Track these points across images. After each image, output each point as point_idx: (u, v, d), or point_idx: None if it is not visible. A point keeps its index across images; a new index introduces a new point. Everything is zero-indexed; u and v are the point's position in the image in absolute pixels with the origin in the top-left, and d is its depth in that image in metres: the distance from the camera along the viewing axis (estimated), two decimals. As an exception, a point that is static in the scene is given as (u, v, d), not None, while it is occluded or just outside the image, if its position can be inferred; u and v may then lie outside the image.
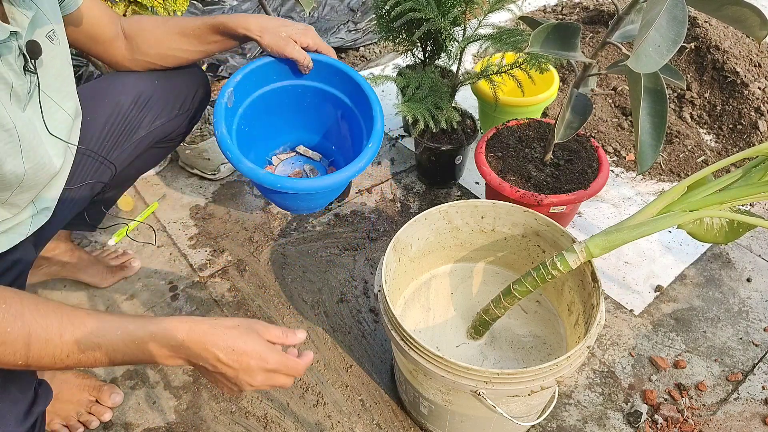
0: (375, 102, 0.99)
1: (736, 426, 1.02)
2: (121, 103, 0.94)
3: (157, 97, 0.98)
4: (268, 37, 0.94)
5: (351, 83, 1.02)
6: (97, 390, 1.04)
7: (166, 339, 0.61)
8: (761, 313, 1.19)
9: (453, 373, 0.75)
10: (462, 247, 1.07)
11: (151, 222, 1.42)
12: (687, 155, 1.56)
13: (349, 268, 1.30)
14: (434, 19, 1.18)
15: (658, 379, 1.09)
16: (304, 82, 1.05)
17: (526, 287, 0.85)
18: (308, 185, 0.92)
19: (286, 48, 0.95)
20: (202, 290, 1.26)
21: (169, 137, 1.04)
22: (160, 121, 1.00)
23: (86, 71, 1.85)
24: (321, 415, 1.04)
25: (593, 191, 1.18)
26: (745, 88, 1.61)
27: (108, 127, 0.93)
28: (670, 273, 1.28)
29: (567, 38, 0.95)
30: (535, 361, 0.97)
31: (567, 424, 1.02)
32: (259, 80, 1.01)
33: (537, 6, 2.30)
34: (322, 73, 1.03)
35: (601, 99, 1.72)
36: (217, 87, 1.84)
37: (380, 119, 0.97)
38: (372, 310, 1.22)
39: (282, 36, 0.95)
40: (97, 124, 0.92)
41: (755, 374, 1.09)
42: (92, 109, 0.92)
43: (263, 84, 1.02)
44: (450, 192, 1.50)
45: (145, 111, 0.97)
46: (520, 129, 1.34)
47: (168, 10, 1.29)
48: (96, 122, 0.92)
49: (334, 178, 0.91)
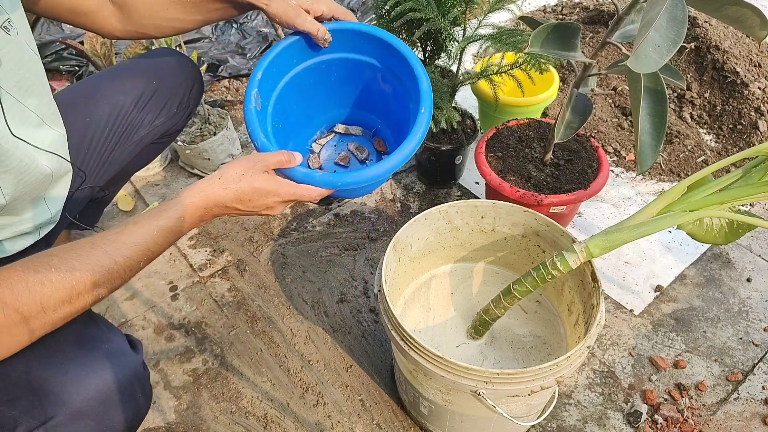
0: (412, 58, 0.87)
1: (736, 426, 1.02)
2: (121, 104, 0.94)
3: (157, 96, 0.98)
4: (276, 5, 0.84)
5: (378, 44, 0.91)
6: None
7: (190, 215, 0.70)
8: (761, 313, 1.19)
9: (453, 373, 0.75)
10: (462, 247, 1.07)
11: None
12: (687, 155, 1.56)
13: (349, 268, 1.30)
14: (434, 19, 1.18)
15: (658, 379, 1.09)
16: (326, 57, 0.94)
17: (526, 287, 0.85)
18: (374, 173, 0.80)
19: (296, 19, 0.85)
20: (202, 290, 1.26)
21: (167, 133, 1.04)
22: (160, 120, 1.00)
23: (86, 71, 1.85)
24: (321, 415, 1.04)
25: (593, 191, 1.18)
26: (745, 88, 1.61)
27: (109, 128, 0.93)
28: (670, 273, 1.28)
29: (567, 38, 0.95)
30: (535, 361, 0.97)
31: (567, 424, 1.02)
32: (279, 70, 0.92)
33: (537, 6, 2.30)
34: (343, 41, 0.91)
35: (601, 99, 1.72)
36: (218, 87, 1.84)
37: (424, 78, 0.85)
38: (372, 310, 1.22)
39: (292, 4, 0.85)
40: (97, 124, 0.91)
41: (755, 374, 1.09)
42: (90, 109, 0.91)
43: (285, 73, 0.93)
44: (450, 192, 1.50)
45: (146, 111, 0.97)
46: (520, 129, 1.34)
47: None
48: (96, 122, 0.91)
49: (397, 157, 0.80)
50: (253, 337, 1.17)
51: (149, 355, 1.13)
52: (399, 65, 0.90)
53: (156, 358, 1.13)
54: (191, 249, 1.35)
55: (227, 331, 1.18)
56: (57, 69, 1.84)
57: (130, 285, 1.27)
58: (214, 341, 1.16)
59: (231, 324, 1.19)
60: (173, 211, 0.68)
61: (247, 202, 0.73)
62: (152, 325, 1.19)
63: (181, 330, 1.18)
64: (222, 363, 1.12)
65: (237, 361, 1.13)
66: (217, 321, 1.20)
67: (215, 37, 1.98)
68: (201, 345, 1.16)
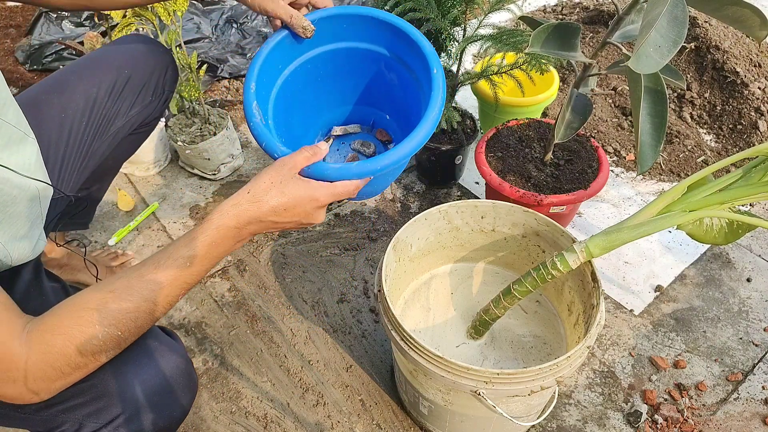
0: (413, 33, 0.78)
1: (736, 426, 1.02)
2: (94, 96, 0.92)
3: (130, 85, 0.96)
4: None
5: (376, 26, 0.82)
6: None
7: (221, 237, 0.64)
8: (761, 313, 1.19)
9: (453, 373, 0.75)
10: (462, 247, 1.07)
11: (151, 222, 1.42)
12: (687, 155, 1.56)
13: (349, 268, 1.30)
14: (434, 19, 1.18)
15: (658, 379, 1.09)
16: (315, 51, 0.86)
17: (526, 287, 0.85)
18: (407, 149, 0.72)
19: (270, 4, 0.78)
20: (202, 290, 1.26)
21: (145, 122, 1.03)
22: (136, 110, 0.98)
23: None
24: (321, 415, 1.04)
25: (593, 191, 1.18)
26: (745, 88, 1.61)
27: (86, 121, 0.91)
28: (670, 273, 1.28)
29: (567, 38, 0.95)
30: (535, 361, 0.97)
31: (567, 424, 1.02)
32: (270, 77, 0.83)
33: (537, 6, 2.30)
34: (331, 30, 0.83)
35: (601, 99, 1.72)
36: (218, 87, 1.84)
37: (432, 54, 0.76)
38: (372, 310, 1.22)
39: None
40: (72, 118, 0.89)
41: (755, 374, 1.09)
42: (64, 105, 0.88)
43: (274, 79, 0.84)
44: (450, 192, 1.50)
45: (121, 101, 0.95)
46: (520, 129, 1.34)
47: (168, 10, 1.29)
48: (71, 117, 0.89)
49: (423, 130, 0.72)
50: (253, 337, 1.17)
51: (149, 355, 1.14)
52: (401, 45, 0.81)
53: (156, 358, 1.13)
54: (191, 249, 1.35)
55: (227, 331, 1.18)
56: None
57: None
58: (214, 341, 1.16)
59: (231, 324, 1.19)
60: (203, 237, 0.63)
61: (282, 212, 0.66)
62: (152, 325, 1.19)
63: (181, 330, 1.18)
64: (222, 363, 1.12)
65: (237, 361, 1.13)
66: (217, 321, 1.20)
67: (215, 37, 1.98)
68: (201, 345, 1.16)
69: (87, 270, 1.23)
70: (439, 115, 0.74)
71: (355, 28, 0.84)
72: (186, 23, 1.97)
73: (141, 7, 1.27)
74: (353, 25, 0.83)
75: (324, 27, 0.82)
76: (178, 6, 1.30)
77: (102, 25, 1.68)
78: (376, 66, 0.88)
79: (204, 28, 1.99)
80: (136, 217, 1.42)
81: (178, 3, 1.29)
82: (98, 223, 1.41)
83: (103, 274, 1.25)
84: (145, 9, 1.27)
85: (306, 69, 0.87)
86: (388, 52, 0.85)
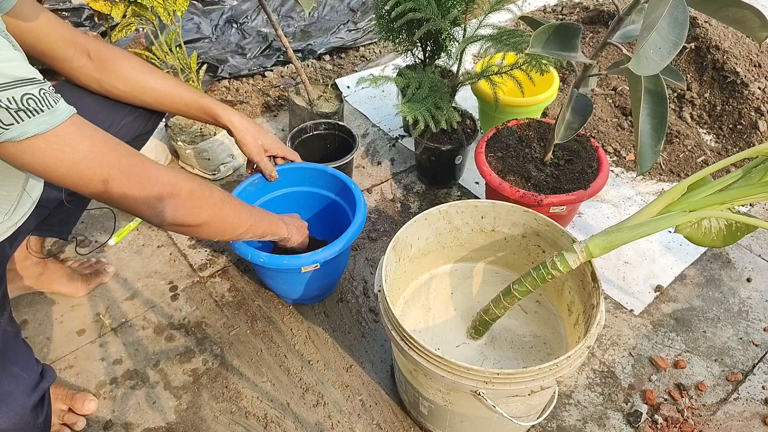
0: (345, 179, 1.15)
1: (736, 426, 1.02)
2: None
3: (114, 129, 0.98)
4: (248, 137, 1.06)
5: (320, 176, 1.18)
6: (69, 398, 1.02)
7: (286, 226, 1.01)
8: (761, 313, 1.20)
9: (453, 373, 0.75)
10: (462, 247, 1.07)
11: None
12: (687, 155, 1.56)
13: (349, 268, 1.30)
14: (434, 19, 1.18)
15: (658, 379, 1.09)
16: (277, 192, 1.20)
17: (526, 287, 0.85)
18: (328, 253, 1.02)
19: (259, 156, 1.09)
20: (202, 290, 1.26)
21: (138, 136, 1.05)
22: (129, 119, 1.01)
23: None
24: (321, 415, 1.04)
25: (593, 191, 1.18)
26: (745, 88, 1.62)
27: None
28: (670, 273, 1.28)
29: (568, 39, 0.95)
30: (535, 361, 0.97)
31: (567, 424, 1.03)
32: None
33: (537, 6, 2.30)
34: (291, 176, 1.19)
35: (601, 99, 1.72)
36: (218, 87, 1.84)
37: (360, 199, 1.10)
38: (372, 310, 1.22)
39: (258, 143, 1.08)
40: None
41: (755, 374, 1.09)
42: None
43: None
44: (450, 192, 1.50)
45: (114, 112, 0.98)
46: (520, 129, 1.34)
47: (168, 10, 1.29)
48: None
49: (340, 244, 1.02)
50: (253, 337, 1.17)
51: (149, 355, 1.13)
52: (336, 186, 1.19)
53: (156, 358, 1.13)
54: (191, 249, 1.35)
55: (227, 331, 1.18)
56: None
57: (130, 285, 1.27)
58: (214, 341, 1.16)
59: (231, 324, 1.19)
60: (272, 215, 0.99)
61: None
62: (152, 325, 1.19)
63: (181, 330, 1.18)
64: (222, 363, 1.12)
65: (237, 361, 1.13)
66: (217, 321, 1.20)
67: (215, 37, 1.98)
68: (201, 345, 1.16)
69: (62, 279, 1.21)
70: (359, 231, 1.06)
71: (310, 175, 1.20)
72: (186, 23, 1.97)
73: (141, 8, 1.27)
74: (309, 174, 1.20)
75: (288, 174, 1.19)
76: (178, 6, 1.30)
77: (102, 25, 1.68)
78: (323, 203, 1.24)
79: (204, 28, 1.99)
80: (136, 217, 1.42)
81: (178, 3, 1.29)
82: (98, 223, 1.41)
83: (78, 283, 1.23)
84: (144, 8, 1.27)
85: (273, 202, 1.21)
86: (331, 192, 1.22)
